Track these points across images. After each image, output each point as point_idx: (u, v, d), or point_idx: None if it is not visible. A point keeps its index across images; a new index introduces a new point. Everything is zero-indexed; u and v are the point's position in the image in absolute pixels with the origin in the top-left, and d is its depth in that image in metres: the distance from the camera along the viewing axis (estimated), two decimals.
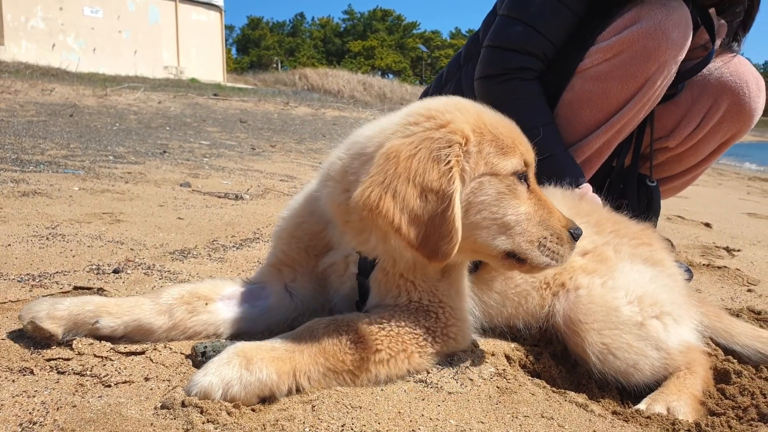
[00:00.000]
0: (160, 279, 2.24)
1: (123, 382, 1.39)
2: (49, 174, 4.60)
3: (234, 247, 2.88)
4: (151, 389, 1.38)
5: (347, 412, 1.35)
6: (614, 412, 1.60)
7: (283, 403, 1.36)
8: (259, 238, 3.10)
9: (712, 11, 2.64)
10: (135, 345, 1.57)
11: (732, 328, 2.03)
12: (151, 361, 1.51)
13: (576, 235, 1.60)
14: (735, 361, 1.92)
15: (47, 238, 2.64)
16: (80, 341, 1.52)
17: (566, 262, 1.60)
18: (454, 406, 1.45)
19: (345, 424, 1.31)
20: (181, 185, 4.69)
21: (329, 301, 1.75)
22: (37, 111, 10.57)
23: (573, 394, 1.63)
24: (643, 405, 1.66)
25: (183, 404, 1.28)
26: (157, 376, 1.44)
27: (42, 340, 1.51)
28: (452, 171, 1.41)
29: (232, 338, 1.66)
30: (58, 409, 1.26)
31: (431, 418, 1.38)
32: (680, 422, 1.55)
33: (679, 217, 5.36)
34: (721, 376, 1.86)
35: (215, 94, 19.22)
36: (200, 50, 32.89)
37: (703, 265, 3.35)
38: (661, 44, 2.41)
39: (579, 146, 2.63)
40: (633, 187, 2.81)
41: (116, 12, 27.71)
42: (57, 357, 1.47)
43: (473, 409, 1.45)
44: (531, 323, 1.88)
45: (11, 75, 15.07)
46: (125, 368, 1.45)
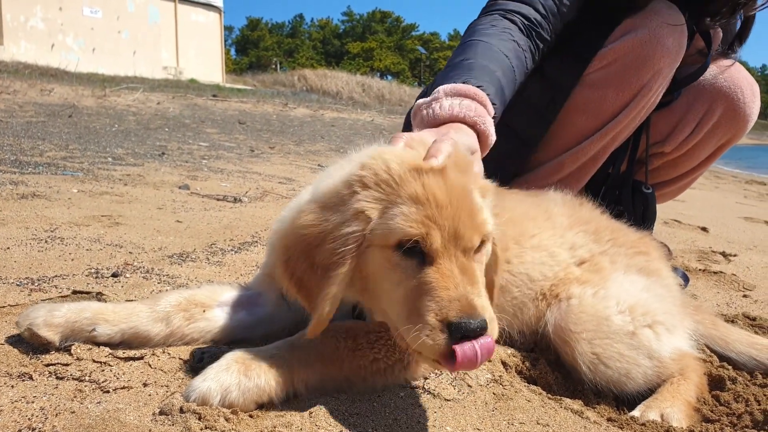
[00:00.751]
0: (159, 283, 2.24)
1: (121, 388, 1.40)
2: (47, 176, 4.60)
3: (232, 250, 2.89)
4: (150, 395, 1.39)
5: (344, 419, 1.36)
6: (609, 419, 1.61)
7: (281, 410, 1.36)
8: (257, 242, 3.11)
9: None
10: (133, 350, 1.57)
11: (727, 336, 2.04)
12: (150, 366, 1.51)
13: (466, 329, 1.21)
14: (730, 367, 1.93)
15: (46, 242, 2.65)
16: (79, 346, 1.53)
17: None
18: (450, 413, 1.46)
19: (342, 431, 1.32)
20: (180, 187, 4.69)
21: None
22: (36, 111, 10.56)
23: (569, 400, 1.64)
24: (637, 412, 1.67)
25: (181, 410, 1.28)
26: (155, 382, 1.44)
27: (39, 346, 1.52)
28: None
29: (229, 345, 1.67)
30: (56, 414, 1.26)
31: (428, 425, 1.39)
32: (674, 429, 1.57)
33: (676, 221, 5.38)
34: (716, 383, 1.86)
35: (214, 95, 19.21)
36: (199, 51, 32.94)
37: (700, 270, 3.37)
38: (656, 52, 2.42)
39: (574, 152, 2.64)
40: (628, 194, 2.82)
41: (115, 12, 27.73)
42: (56, 362, 1.47)
43: (470, 416, 1.46)
44: (526, 334, 1.88)
45: (10, 75, 15.04)
46: (124, 374, 1.46)
